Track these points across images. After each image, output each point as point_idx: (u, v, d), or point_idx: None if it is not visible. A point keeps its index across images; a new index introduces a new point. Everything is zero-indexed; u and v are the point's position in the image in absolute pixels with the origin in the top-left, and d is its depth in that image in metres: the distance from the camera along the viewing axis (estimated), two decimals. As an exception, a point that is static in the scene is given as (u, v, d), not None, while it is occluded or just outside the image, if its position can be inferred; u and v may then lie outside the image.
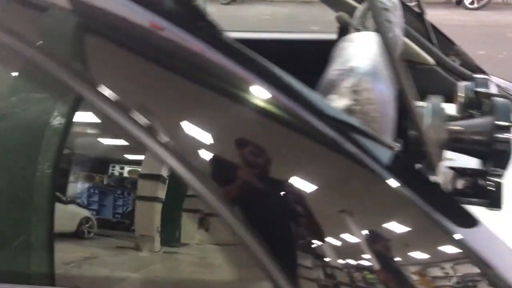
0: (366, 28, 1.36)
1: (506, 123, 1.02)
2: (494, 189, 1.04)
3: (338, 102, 0.79)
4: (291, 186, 0.62)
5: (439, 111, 1.07)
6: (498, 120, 1.03)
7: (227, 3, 9.17)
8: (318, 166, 0.65)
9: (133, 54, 0.70)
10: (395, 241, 0.63)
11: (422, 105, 1.09)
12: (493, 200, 1.04)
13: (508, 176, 1.04)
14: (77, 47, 0.73)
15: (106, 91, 0.66)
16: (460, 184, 1.12)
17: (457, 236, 0.63)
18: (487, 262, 0.62)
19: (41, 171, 0.75)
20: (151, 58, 0.69)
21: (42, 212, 0.76)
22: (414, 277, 0.63)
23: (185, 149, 0.65)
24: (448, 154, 1.11)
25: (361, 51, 0.91)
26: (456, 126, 1.07)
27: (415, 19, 1.68)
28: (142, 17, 0.72)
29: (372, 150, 0.65)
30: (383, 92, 0.85)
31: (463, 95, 1.29)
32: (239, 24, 6.89)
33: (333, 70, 0.83)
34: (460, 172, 1.15)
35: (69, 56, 0.72)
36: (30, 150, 0.77)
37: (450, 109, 1.33)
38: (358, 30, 1.39)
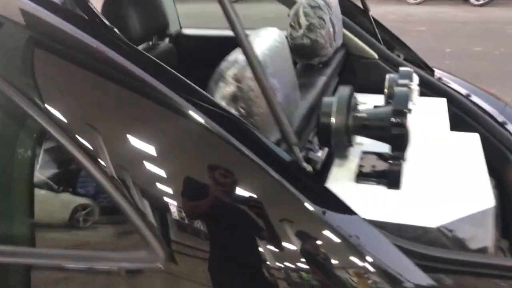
0: (299, 25, 1.46)
1: (402, 109, 1.11)
2: (393, 170, 1.14)
3: (224, 89, 0.90)
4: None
5: (346, 100, 1.17)
6: (396, 107, 1.12)
7: (233, 2, 9.24)
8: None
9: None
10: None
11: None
12: (392, 181, 1.14)
13: (408, 158, 1.14)
14: None
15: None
16: (367, 166, 1.22)
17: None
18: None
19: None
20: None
21: None
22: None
23: None
24: (358, 139, 1.21)
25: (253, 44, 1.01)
26: (360, 114, 1.17)
27: (361, 16, 1.77)
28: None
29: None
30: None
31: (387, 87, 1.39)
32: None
33: (223, 61, 0.94)
34: (368, 155, 1.25)
35: None
36: None
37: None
38: (292, 26, 1.49)
